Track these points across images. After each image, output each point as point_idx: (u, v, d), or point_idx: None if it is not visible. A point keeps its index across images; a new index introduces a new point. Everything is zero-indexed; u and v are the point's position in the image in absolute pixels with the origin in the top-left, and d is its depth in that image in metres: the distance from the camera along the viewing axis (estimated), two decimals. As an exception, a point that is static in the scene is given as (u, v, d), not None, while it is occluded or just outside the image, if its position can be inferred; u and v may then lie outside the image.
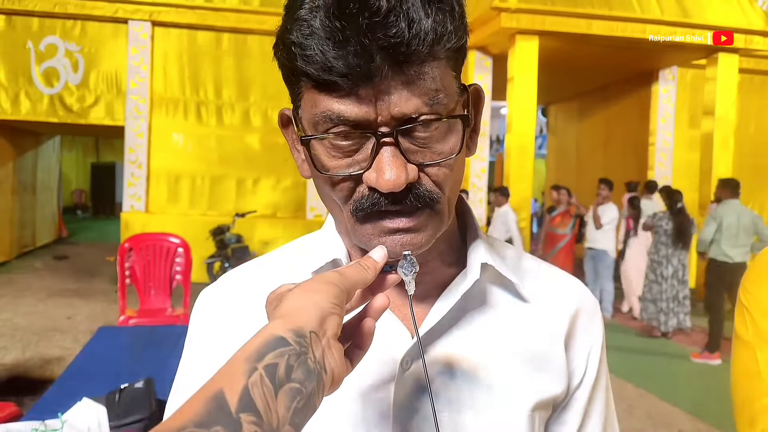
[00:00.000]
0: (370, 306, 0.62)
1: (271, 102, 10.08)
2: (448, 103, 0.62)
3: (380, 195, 0.63)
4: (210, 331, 0.79)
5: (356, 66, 0.57)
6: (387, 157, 0.61)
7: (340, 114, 0.60)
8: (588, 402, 0.81)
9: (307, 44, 0.58)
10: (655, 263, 7.34)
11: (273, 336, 0.50)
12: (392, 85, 0.59)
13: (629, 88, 11.94)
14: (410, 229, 0.65)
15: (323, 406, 0.70)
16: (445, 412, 0.72)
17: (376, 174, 0.62)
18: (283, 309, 0.54)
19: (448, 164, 0.65)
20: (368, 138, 0.62)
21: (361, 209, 0.65)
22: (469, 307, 0.76)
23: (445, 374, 0.73)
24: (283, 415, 0.48)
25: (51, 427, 1.92)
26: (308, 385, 0.50)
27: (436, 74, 0.61)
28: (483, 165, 10.27)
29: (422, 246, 0.66)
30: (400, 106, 0.60)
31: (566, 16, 8.84)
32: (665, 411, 5.03)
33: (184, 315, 4.92)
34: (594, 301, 0.85)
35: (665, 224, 7.23)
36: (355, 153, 0.63)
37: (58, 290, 8.97)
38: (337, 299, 0.55)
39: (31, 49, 9.65)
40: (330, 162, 0.64)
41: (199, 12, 9.80)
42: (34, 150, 12.79)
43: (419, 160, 0.63)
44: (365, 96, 0.59)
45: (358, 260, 0.62)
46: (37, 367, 5.46)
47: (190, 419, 0.44)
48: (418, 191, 0.64)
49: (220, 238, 8.54)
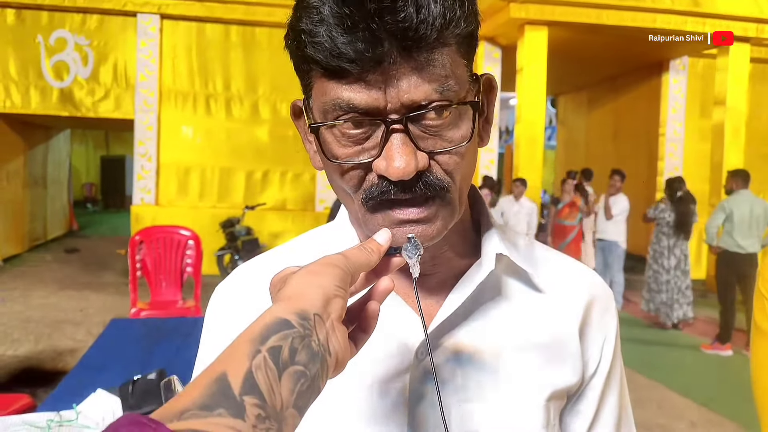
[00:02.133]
0: (374, 289, 0.61)
1: (280, 94, 10.07)
2: (458, 90, 0.62)
3: (390, 183, 0.63)
4: (224, 326, 0.79)
5: (364, 51, 0.57)
6: (396, 144, 0.61)
7: (350, 101, 0.60)
8: (602, 391, 0.81)
9: (317, 31, 0.59)
10: (658, 254, 7.29)
11: (277, 318, 0.50)
12: (402, 72, 0.59)
13: (639, 78, 11.87)
14: (421, 220, 0.65)
15: (339, 395, 0.71)
16: (459, 403, 0.72)
17: (385, 162, 0.61)
18: (287, 291, 0.54)
19: (458, 152, 0.64)
20: (378, 125, 0.62)
21: (371, 197, 0.65)
22: (484, 298, 0.76)
23: (460, 365, 0.73)
24: (286, 398, 0.48)
25: (66, 418, 1.94)
26: (312, 367, 0.50)
27: (446, 61, 0.60)
28: (492, 156, 10.27)
29: (434, 238, 0.66)
30: (410, 93, 0.59)
31: (575, 6, 8.79)
32: (676, 402, 5.02)
33: (195, 307, 4.95)
34: (608, 290, 0.84)
35: (667, 215, 7.18)
36: (365, 141, 0.63)
37: (69, 283, 9.02)
38: (341, 282, 0.55)
39: (41, 42, 9.68)
40: (340, 150, 0.64)
41: (207, 4, 9.79)
42: (45, 144, 12.84)
43: (429, 148, 0.63)
44: (374, 83, 0.59)
45: (362, 243, 0.62)
46: (50, 359, 5.50)
47: (193, 401, 0.44)
48: (428, 179, 0.63)
49: (230, 231, 8.56)
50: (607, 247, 8.21)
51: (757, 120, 11.15)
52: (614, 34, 9.33)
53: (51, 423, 1.89)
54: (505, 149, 19.92)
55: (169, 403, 0.45)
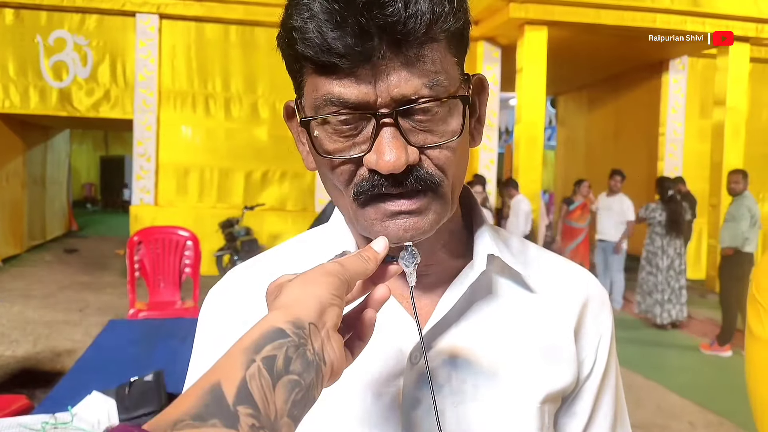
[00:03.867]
0: (371, 297, 0.61)
1: (279, 94, 10.07)
2: (448, 86, 0.62)
3: (381, 177, 0.63)
4: (218, 328, 0.79)
5: (354, 46, 0.57)
6: (387, 138, 0.61)
7: (341, 96, 0.60)
8: (598, 393, 0.80)
9: (307, 27, 0.59)
10: (651, 254, 7.28)
11: (271, 327, 0.50)
12: (391, 67, 0.59)
13: (639, 78, 11.87)
14: (413, 212, 0.64)
15: (332, 400, 0.70)
16: (453, 406, 0.71)
17: (376, 155, 0.61)
18: (282, 300, 0.54)
19: (449, 147, 0.64)
20: (368, 120, 0.62)
21: (361, 192, 0.64)
22: (477, 299, 0.75)
23: (454, 367, 0.72)
24: (281, 408, 0.47)
25: (61, 420, 1.93)
26: (307, 377, 0.50)
27: (435, 56, 0.61)
28: (492, 156, 10.24)
29: (426, 231, 0.66)
30: (400, 88, 0.60)
31: (575, 5, 8.78)
32: (675, 403, 5.01)
33: (193, 308, 4.94)
34: (602, 290, 0.84)
35: (658, 215, 7.18)
36: (355, 136, 0.63)
37: (68, 283, 9.02)
38: (337, 290, 0.55)
39: (40, 42, 9.67)
40: (331, 145, 0.64)
41: (206, 4, 9.79)
42: (44, 144, 12.84)
43: (420, 142, 0.63)
44: (364, 77, 0.59)
45: (359, 251, 0.61)
46: (48, 359, 5.49)
47: (186, 411, 0.44)
48: (419, 173, 0.63)
49: (229, 231, 8.55)
50: (607, 248, 8.21)
51: (757, 120, 11.14)
52: (614, 33, 9.33)
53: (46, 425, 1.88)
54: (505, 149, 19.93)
55: (163, 412, 0.45)
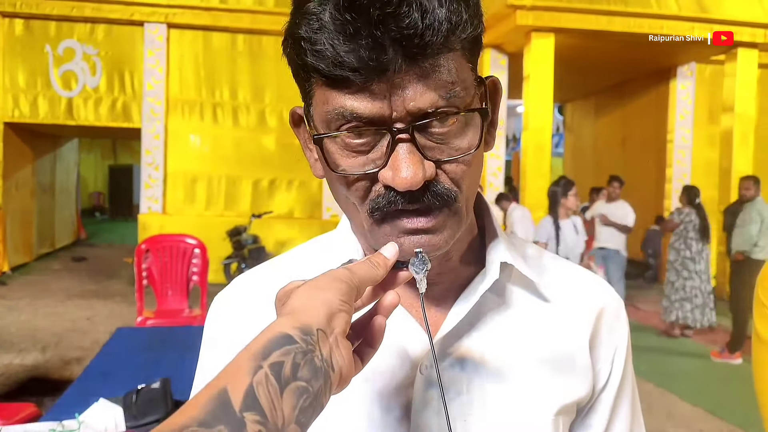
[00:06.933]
0: (380, 303, 0.60)
1: (287, 103, 10.09)
2: (465, 96, 0.60)
3: (397, 193, 0.61)
4: (224, 335, 0.78)
5: (368, 60, 0.55)
6: (403, 153, 0.59)
7: (354, 111, 0.58)
8: (614, 404, 0.78)
9: (317, 39, 0.56)
10: (687, 260, 7.20)
11: (279, 333, 0.49)
12: (406, 79, 0.57)
13: (647, 84, 11.83)
14: (429, 229, 0.63)
15: (342, 409, 0.69)
16: (464, 417, 0.70)
17: (392, 172, 0.59)
18: (291, 306, 0.53)
19: (466, 160, 0.62)
20: (383, 134, 0.60)
21: (377, 209, 0.63)
22: (489, 308, 0.74)
23: (465, 377, 0.71)
24: (288, 414, 0.47)
25: (68, 427, 1.93)
26: (315, 383, 0.49)
27: (452, 66, 0.58)
28: (499, 163, 10.22)
29: (441, 248, 0.64)
30: (416, 101, 0.57)
31: (582, 12, 8.78)
32: (685, 411, 4.97)
33: (201, 316, 4.94)
34: (618, 300, 0.82)
35: (693, 218, 7.14)
36: (369, 151, 0.61)
37: (77, 291, 9.04)
38: (346, 296, 0.54)
39: (50, 52, 9.75)
40: (344, 161, 0.62)
41: (214, 13, 9.85)
42: (53, 152, 12.92)
43: (436, 157, 0.61)
44: (379, 91, 0.57)
45: (369, 257, 0.60)
46: (57, 367, 5.50)
47: (193, 418, 0.43)
48: (436, 189, 0.61)
49: (236, 239, 8.57)
50: (607, 256, 8.12)
51: (765, 126, 11.07)
52: (621, 40, 9.31)
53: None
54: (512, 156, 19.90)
55: (169, 419, 0.44)
